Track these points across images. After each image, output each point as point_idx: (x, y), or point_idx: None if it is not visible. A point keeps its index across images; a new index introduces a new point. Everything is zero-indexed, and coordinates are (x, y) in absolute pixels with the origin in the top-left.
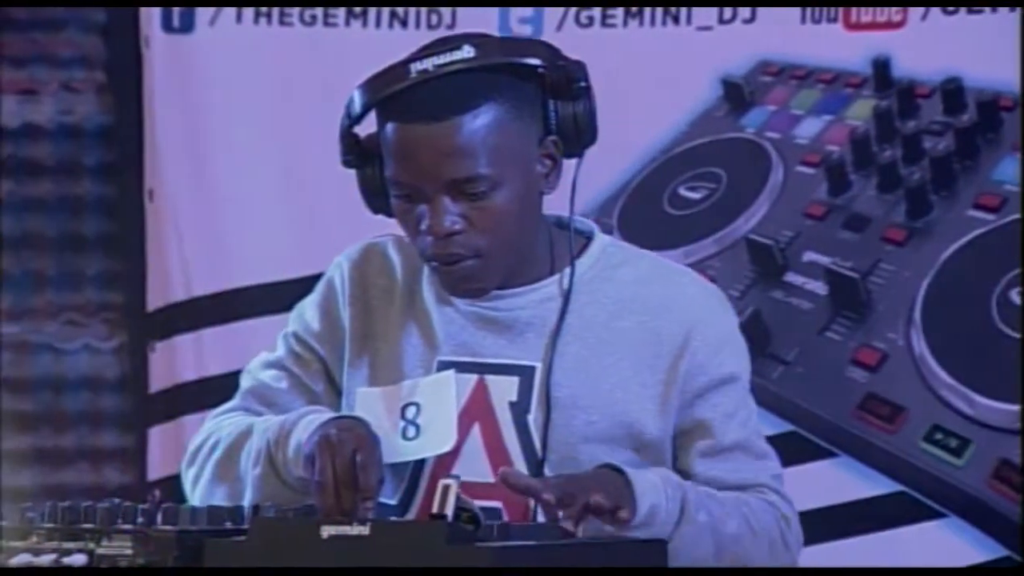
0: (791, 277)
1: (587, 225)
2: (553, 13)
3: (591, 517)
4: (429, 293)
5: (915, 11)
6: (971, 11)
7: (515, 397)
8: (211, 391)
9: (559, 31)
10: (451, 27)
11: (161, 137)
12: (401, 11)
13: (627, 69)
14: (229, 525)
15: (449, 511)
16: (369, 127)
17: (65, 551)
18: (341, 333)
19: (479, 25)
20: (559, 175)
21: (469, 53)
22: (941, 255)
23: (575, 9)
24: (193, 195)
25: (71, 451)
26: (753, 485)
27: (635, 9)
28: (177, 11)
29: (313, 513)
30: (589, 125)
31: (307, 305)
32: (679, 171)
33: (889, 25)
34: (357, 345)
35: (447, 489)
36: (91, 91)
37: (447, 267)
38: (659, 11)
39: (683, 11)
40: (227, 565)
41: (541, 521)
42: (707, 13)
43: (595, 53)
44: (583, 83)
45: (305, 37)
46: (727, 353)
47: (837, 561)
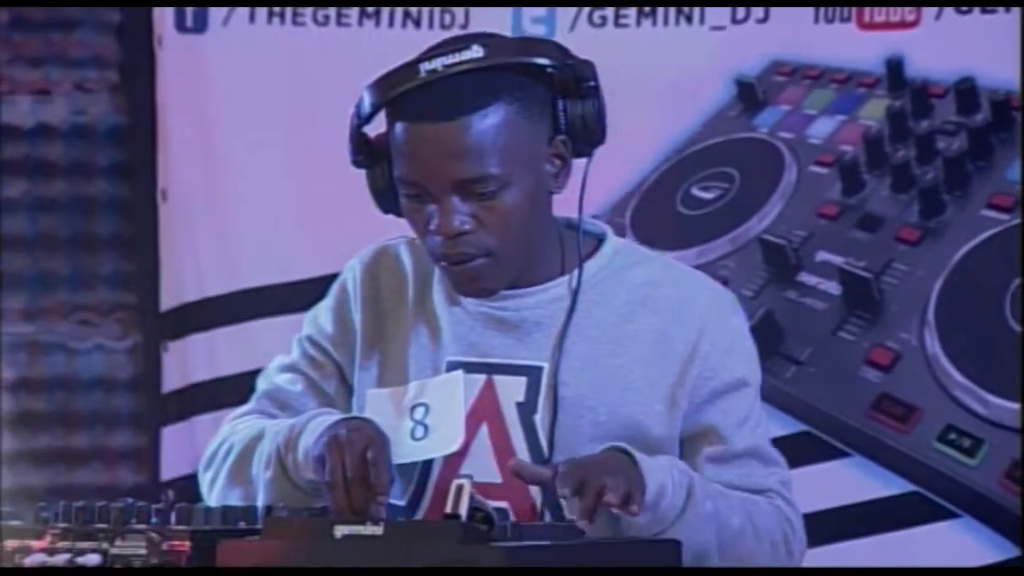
0: (804, 277)
1: (599, 227)
2: (566, 13)
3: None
4: (439, 294)
5: (929, 11)
6: (985, 11)
7: (522, 397)
8: (224, 391)
9: (572, 31)
10: (464, 27)
11: (174, 137)
12: (414, 11)
13: (640, 69)
14: (242, 525)
15: (463, 511)
16: (379, 127)
17: (79, 551)
18: (353, 336)
19: (492, 25)
20: (568, 175)
21: (478, 53)
22: (954, 255)
23: (588, 9)
24: (206, 195)
25: (84, 451)
26: (761, 490)
27: (648, 9)
28: (190, 11)
29: (327, 514)
30: (598, 125)
31: (320, 309)
32: (692, 171)
33: (903, 25)
34: (368, 347)
35: (461, 489)
36: (104, 91)
37: (457, 266)
38: (672, 11)
39: (696, 11)
40: (240, 565)
41: (549, 521)
42: (720, 13)
43: (608, 53)
44: (592, 83)
45: (318, 37)
46: (737, 357)
47: (850, 561)
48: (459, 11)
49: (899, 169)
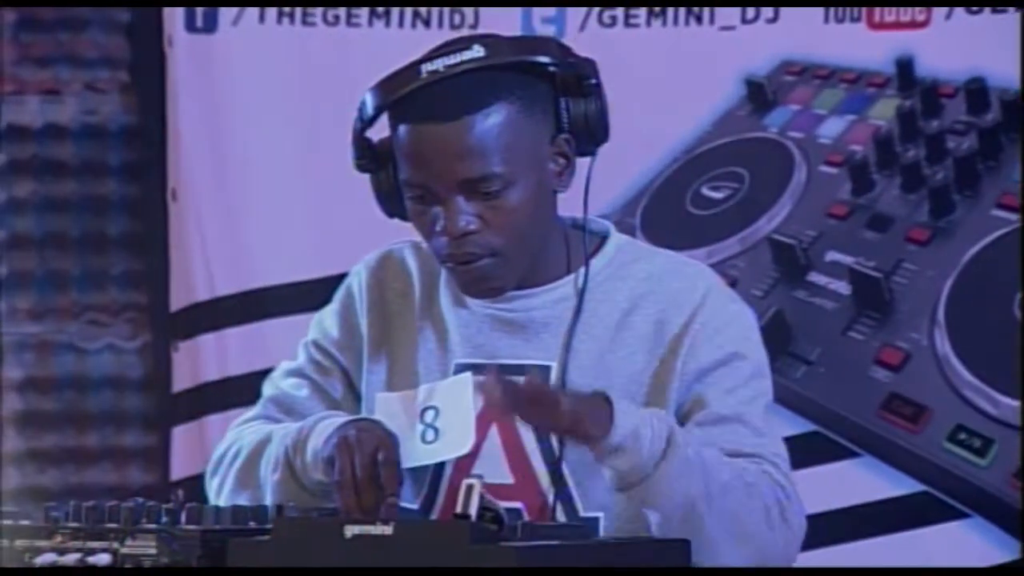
0: (814, 277)
1: (603, 225)
2: (576, 13)
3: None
4: (445, 297)
5: (939, 10)
6: (995, 11)
7: None
8: (234, 391)
9: (582, 31)
10: (474, 27)
11: (184, 137)
12: (424, 11)
13: (650, 69)
14: (253, 525)
15: (473, 511)
16: (382, 131)
17: (89, 550)
18: (359, 340)
19: (502, 25)
20: (572, 173)
21: (479, 53)
22: (964, 255)
23: (598, 9)
24: (216, 195)
25: (94, 451)
26: (750, 455)
27: (658, 9)
28: (200, 11)
29: (337, 514)
30: (601, 123)
31: (326, 313)
32: (702, 171)
33: (913, 24)
34: (375, 351)
35: (471, 489)
36: (114, 91)
37: (463, 267)
38: (682, 11)
39: (706, 11)
40: (250, 565)
41: (562, 521)
42: (730, 13)
43: (618, 53)
44: (594, 81)
45: (328, 37)
46: (728, 336)
47: (860, 561)
48: (469, 11)
49: (909, 169)
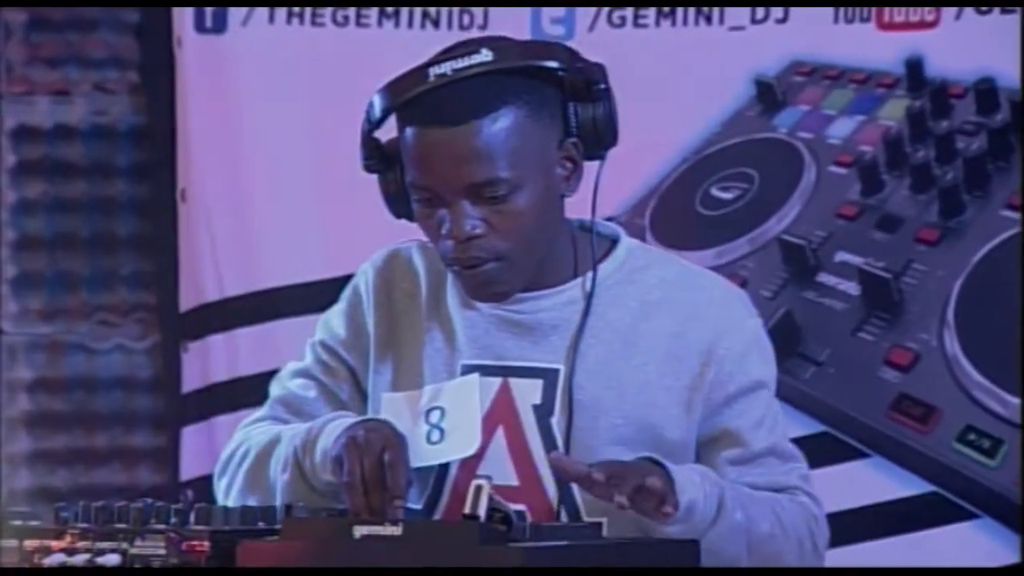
0: (823, 277)
1: (612, 228)
2: (585, 13)
3: (629, 509)
4: (453, 297)
5: (948, 11)
6: (1004, 11)
7: (539, 400)
8: (244, 391)
9: (591, 31)
10: (483, 27)
11: (194, 137)
12: (433, 11)
13: (659, 69)
14: (262, 525)
15: (481, 511)
16: (390, 132)
17: (99, 551)
18: (366, 340)
19: (511, 25)
20: (580, 177)
21: (487, 56)
22: (974, 255)
23: (607, 9)
24: (226, 195)
25: (104, 451)
26: (784, 488)
27: (667, 9)
28: (210, 12)
29: (346, 515)
30: (609, 127)
31: (333, 313)
32: (711, 171)
33: (922, 25)
34: (382, 351)
35: (479, 489)
36: (124, 92)
37: (469, 271)
38: (691, 11)
39: (715, 11)
40: (259, 565)
41: (567, 522)
42: (740, 13)
43: (627, 53)
44: (602, 85)
45: (337, 37)
46: (753, 360)
47: (869, 562)
48: (478, 12)
49: (918, 169)
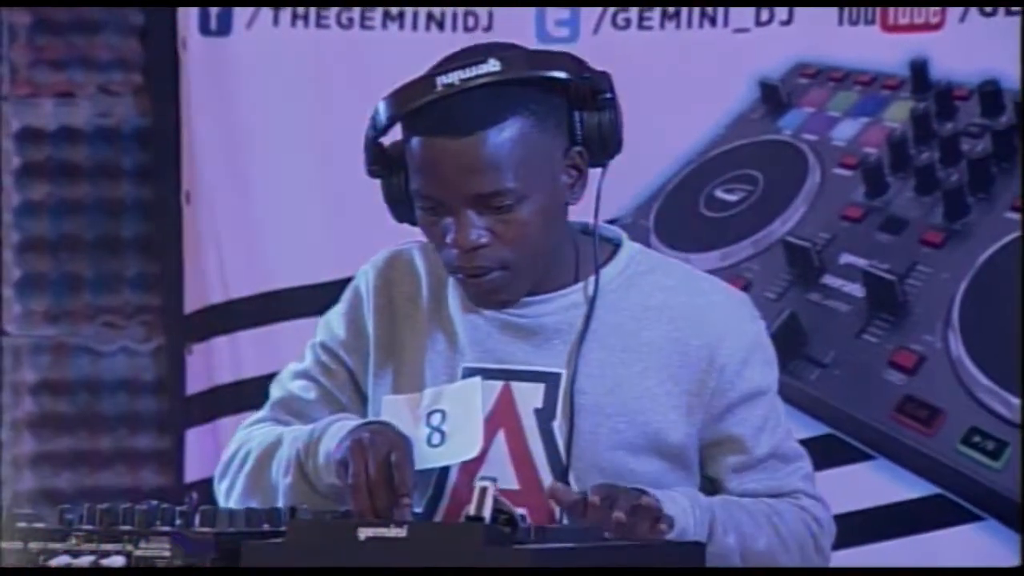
0: (828, 279)
1: (614, 232)
2: (590, 15)
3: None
4: (454, 300)
5: (953, 12)
6: (1009, 12)
7: (540, 404)
8: (248, 393)
9: (596, 33)
10: (488, 29)
11: (198, 139)
12: (438, 13)
13: (664, 71)
14: (266, 527)
15: (486, 513)
16: (394, 135)
17: (103, 553)
18: (366, 341)
19: (516, 27)
20: (584, 185)
21: (495, 67)
22: (979, 257)
23: (612, 10)
24: (230, 197)
25: (108, 453)
26: (785, 492)
27: (672, 11)
28: (214, 14)
29: (351, 516)
30: (614, 136)
31: (333, 315)
32: (716, 173)
33: (927, 27)
34: (382, 353)
35: (484, 491)
36: (128, 94)
37: (473, 279)
38: (696, 13)
39: (720, 13)
40: (264, 566)
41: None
42: (744, 15)
43: (632, 55)
44: (608, 94)
45: (342, 39)
46: (755, 366)
47: (874, 563)
48: (483, 13)
49: (923, 171)
